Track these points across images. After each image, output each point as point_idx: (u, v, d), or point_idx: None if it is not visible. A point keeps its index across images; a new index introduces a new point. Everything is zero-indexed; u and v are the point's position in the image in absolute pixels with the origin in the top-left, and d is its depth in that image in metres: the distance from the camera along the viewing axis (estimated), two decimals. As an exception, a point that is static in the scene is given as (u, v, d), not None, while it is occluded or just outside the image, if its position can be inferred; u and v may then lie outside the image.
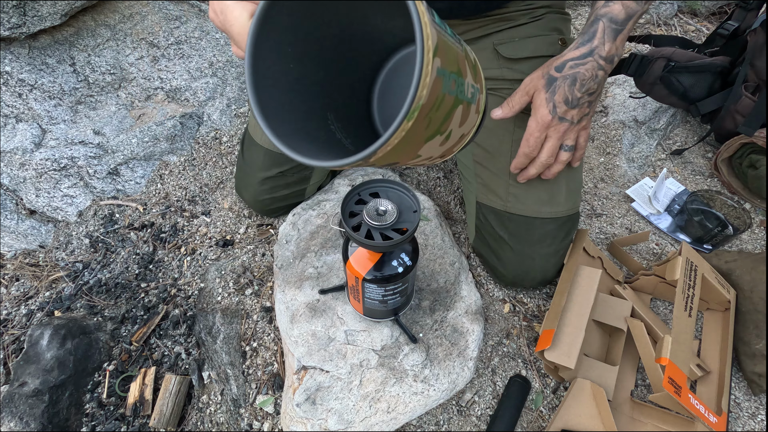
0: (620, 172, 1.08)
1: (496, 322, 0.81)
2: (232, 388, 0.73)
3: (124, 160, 1.00)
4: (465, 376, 0.68)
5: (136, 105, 1.09)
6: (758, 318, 0.74)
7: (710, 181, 1.06)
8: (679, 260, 0.74)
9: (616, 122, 1.17)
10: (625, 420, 0.70)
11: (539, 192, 0.73)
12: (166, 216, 0.96)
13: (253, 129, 0.85)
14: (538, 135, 0.63)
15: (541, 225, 0.73)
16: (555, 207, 0.73)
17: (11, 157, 0.95)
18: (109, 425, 0.69)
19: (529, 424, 0.71)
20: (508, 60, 0.74)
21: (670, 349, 0.62)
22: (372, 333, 0.69)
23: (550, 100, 0.60)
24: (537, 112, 0.61)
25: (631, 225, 0.98)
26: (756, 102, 0.94)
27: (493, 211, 0.76)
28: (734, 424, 0.72)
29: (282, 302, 0.74)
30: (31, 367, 0.70)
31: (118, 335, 0.79)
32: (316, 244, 0.81)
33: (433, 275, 0.78)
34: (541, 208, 0.73)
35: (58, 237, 0.93)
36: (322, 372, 0.66)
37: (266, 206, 0.89)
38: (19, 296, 0.84)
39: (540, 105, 0.60)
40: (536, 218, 0.73)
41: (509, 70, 0.74)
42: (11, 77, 0.99)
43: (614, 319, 0.75)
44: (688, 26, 1.53)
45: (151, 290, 0.85)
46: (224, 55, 1.18)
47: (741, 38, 1.00)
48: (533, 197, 0.73)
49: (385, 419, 0.63)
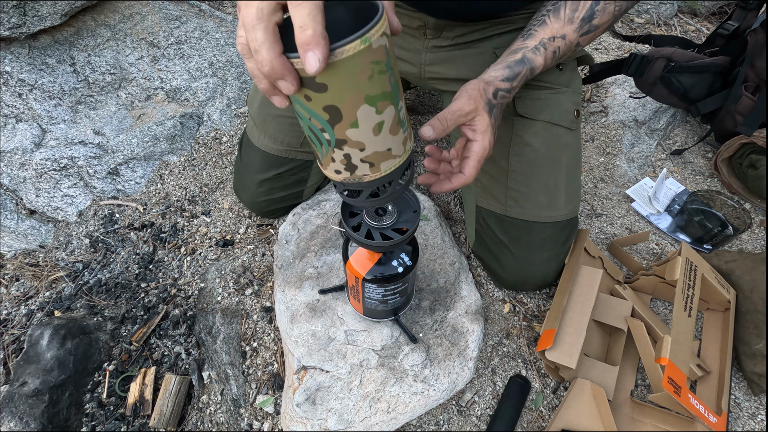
0: (620, 172, 1.08)
1: (496, 322, 0.81)
2: (232, 388, 0.73)
3: (124, 160, 1.00)
4: (465, 376, 0.68)
5: (136, 105, 1.09)
6: (758, 318, 0.74)
7: (710, 181, 1.06)
8: (679, 260, 0.74)
9: (616, 122, 1.17)
10: (625, 420, 0.70)
11: (539, 196, 0.72)
12: (166, 216, 0.96)
13: (251, 131, 0.85)
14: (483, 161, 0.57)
15: (542, 229, 0.73)
16: (555, 211, 0.73)
17: (11, 157, 0.95)
18: (109, 425, 0.69)
19: (529, 424, 0.71)
20: None
21: (669, 349, 0.62)
22: (372, 333, 0.69)
23: (494, 125, 0.57)
24: (485, 137, 0.56)
25: (631, 225, 0.98)
26: (756, 102, 0.94)
27: (494, 215, 0.76)
28: (734, 424, 0.72)
29: (282, 302, 0.74)
30: (31, 367, 0.70)
31: (118, 335, 0.79)
32: (316, 244, 0.81)
33: (433, 275, 0.78)
34: (541, 212, 0.73)
35: (58, 237, 0.93)
36: (322, 372, 0.66)
37: (264, 208, 0.89)
38: (19, 296, 0.84)
39: (486, 129, 0.56)
40: (536, 222, 0.73)
41: None
42: (11, 77, 0.99)
43: (614, 319, 0.75)
44: (688, 26, 1.53)
45: (151, 290, 0.85)
46: (224, 55, 1.18)
47: (741, 38, 1.00)
48: (533, 201, 0.72)
49: (385, 419, 0.63)
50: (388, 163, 0.40)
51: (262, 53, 0.31)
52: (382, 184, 0.43)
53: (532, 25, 0.62)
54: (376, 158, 0.39)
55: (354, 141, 0.37)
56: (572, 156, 0.75)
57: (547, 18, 0.60)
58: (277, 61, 0.31)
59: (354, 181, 0.41)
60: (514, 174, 0.73)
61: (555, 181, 0.73)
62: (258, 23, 0.30)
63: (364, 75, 0.33)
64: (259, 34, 0.30)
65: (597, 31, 0.60)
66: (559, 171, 0.73)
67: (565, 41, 0.60)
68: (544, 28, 0.60)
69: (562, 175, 0.73)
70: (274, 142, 0.81)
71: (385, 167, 0.40)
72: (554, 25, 0.60)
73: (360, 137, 0.37)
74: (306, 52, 0.29)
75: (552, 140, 0.73)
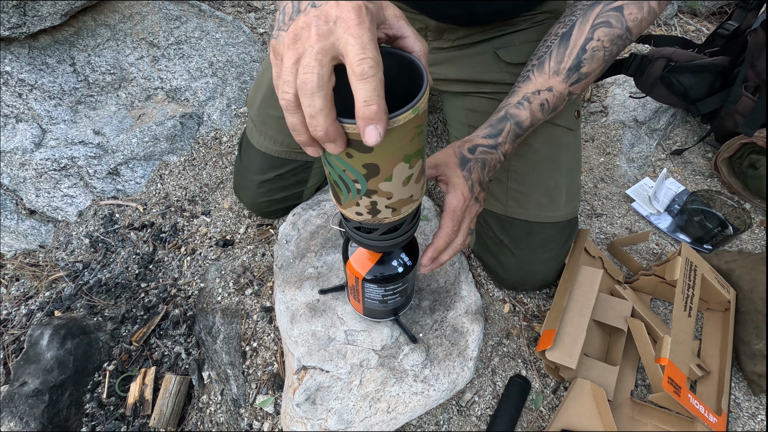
0: (620, 172, 1.08)
1: (496, 322, 0.81)
2: (232, 388, 0.73)
3: (124, 160, 1.00)
4: (465, 376, 0.68)
5: (136, 105, 1.09)
6: (758, 318, 0.74)
7: (710, 181, 1.06)
8: (679, 260, 0.74)
9: (616, 122, 1.17)
10: (625, 420, 0.70)
11: (540, 196, 0.73)
12: (166, 216, 0.96)
13: (251, 132, 0.85)
14: (460, 214, 0.56)
15: (542, 230, 0.73)
16: (555, 211, 0.73)
17: (11, 157, 0.95)
18: (109, 425, 0.69)
19: (529, 424, 0.71)
20: (508, 64, 0.74)
21: (669, 349, 0.62)
22: (372, 333, 0.69)
23: (468, 178, 0.56)
24: (457, 189, 0.55)
25: (631, 225, 0.98)
26: (756, 102, 0.94)
27: (494, 215, 0.76)
28: (734, 424, 0.72)
29: (282, 302, 0.74)
30: (31, 367, 0.70)
31: (118, 335, 0.79)
32: (316, 244, 0.81)
33: (433, 275, 0.78)
34: (541, 212, 0.73)
35: (58, 237, 0.93)
36: (322, 372, 0.66)
37: (264, 208, 0.89)
38: (19, 296, 0.84)
39: (459, 183, 0.56)
40: (537, 223, 0.73)
41: (509, 74, 0.74)
42: (11, 77, 0.99)
43: (614, 319, 0.75)
44: (688, 26, 1.53)
45: (151, 290, 0.85)
46: (224, 55, 1.18)
47: (741, 38, 1.00)
48: (534, 202, 0.73)
49: (385, 419, 0.63)
50: (408, 207, 0.43)
51: (319, 119, 0.31)
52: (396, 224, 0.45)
53: (517, 83, 0.62)
54: (399, 204, 0.41)
55: (384, 191, 0.39)
56: (572, 156, 0.75)
57: (531, 74, 0.60)
58: (332, 128, 0.31)
59: (373, 224, 0.43)
60: (514, 174, 0.73)
61: (555, 182, 0.73)
62: (318, 91, 0.30)
63: (407, 138, 0.35)
64: (318, 101, 0.30)
65: (589, 78, 0.58)
66: (560, 171, 0.73)
67: (553, 93, 0.59)
68: (527, 83, 0.60)
69: (562, 175, 0.73)
70: (274, 144, 0.81)
71: (405, 210, 0.43)
72: (538, 79, 0.59)
73: (390, 188, 0.38)
74: (368, 125, 0.30)
75: (552, 141, 0.73)
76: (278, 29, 0.36)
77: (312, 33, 0.30)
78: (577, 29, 0.56)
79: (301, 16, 0.31)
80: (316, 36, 0.30)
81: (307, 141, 0.34)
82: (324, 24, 0.30)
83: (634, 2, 0.54)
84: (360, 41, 0.29)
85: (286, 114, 0.33)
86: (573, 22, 0.57)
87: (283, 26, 0.36)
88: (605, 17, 0.55)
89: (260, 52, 1.24)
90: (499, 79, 0.75)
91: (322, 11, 0.30)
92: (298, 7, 0.33)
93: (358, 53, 0.29)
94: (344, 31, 0.30)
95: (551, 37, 0.60)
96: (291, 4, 0.36)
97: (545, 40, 0.61)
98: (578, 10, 0.58)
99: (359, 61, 0.29)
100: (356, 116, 0.30)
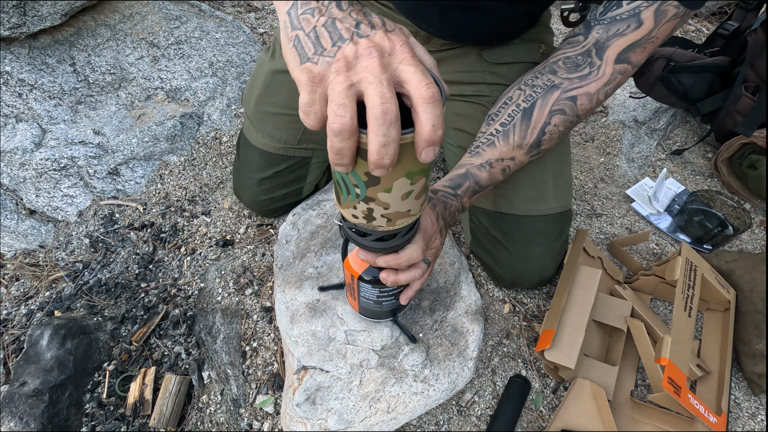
0: (620, 172, 1.08)
1: (496, 322, 0.81)
2: (232, 388, 0.73)
3: (124, 160, 1.00)
4: (465, 376, 0.68)
5: (136, 105, 1.09)
6: (758, 318, 0.74)
7: (710, 181, 1.06)
8: (679, 260, 0.74)
9: (616, 122, 1.17)
10: (625, 420, 0.70)
11: (527, 191, 0.74)
12: (166, 216, 0.96)
13: (248, 131, 0.85)
14: (430, 235, 0.55)
15: (533, 223, 0.74)
16: (544, 204, 0.74)
17: (11, 157, 0.95)
18: (109, 425, 0.69)
19: (529, 424, 0.71)
20: (491, 64, 0.75)
21: (669, 349, 0.62)
22: (372, 333, 0.69)
23: (433, 209, 0.57)
24: (425, 215, 0.55)
25: (631, 225, 0.98)
26: (756, 102, 0.94)
27: (485, 212, 0.77)
28: (734, 424, 0.72)
29: (282, 302, 0.74)
30: (31, 367, 0.70)
31: (118, 335, 0.79)
32: (316, 244, 0.81)
33: (432, 275, 0.78)
34: (530, 206, 0.74)
35: (58, 237, 0.93)
36: (322, 372, 0.66)
37: (265, 207, 0.89)
38: (19, 296, 0.84)
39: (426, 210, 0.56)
40: (526, 216, 0.74)
41: (491, 74, 0.75)
42: (11, 77, 0.99)
43: (614, 319, 0.75)
44: (688, 26, 1.53)
45: (151, 290, 0.85)
46: (224, 55, 1.18)
47: (741, 38, 1.00)
48: (522, 196, 0.74)
49: (385, 419, 0.63)
50: (404, 220, 0.43)
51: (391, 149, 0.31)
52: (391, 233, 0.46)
53: (481, 143, 0.64)
54: (395, 216, 0.41)
55: (382, 201, 0.39)
56: (558, 150, 0.76)
57: (496, 140, 0.63)
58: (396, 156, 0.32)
59: (368, 228, 0.44)
60: None
61: (541, 175, 0.74)
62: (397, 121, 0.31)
63: (412, 156, 0.34)
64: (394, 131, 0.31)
65: (543, 150, 0.65)
66: (544, 165, 0.74)
67: (515, 161, 0.64)
68: (492, 149, 0.63)
69: (548, 169, 0.74)
70: (272, 140, 0.82)
71: (400, 223, 0.43)
72: (503, 148, 0.63)
73: (388, 199, 0.39)
74: (430, 147, 0.32)
75: None
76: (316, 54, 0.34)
77: (374, 64, 0.31)
78: (538, 110, 0.62)
79: (349, 45, 0.32)
80: (380, 67, 0.31)
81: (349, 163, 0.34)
82: (382, 56, 0.32)
83: (586, 95, 0.60)
84: (420, 69, 0.32)
85: (338, 138, 0.32)
86: (534, 100, 0.62)
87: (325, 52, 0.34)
88: (561, 105, 0.61)
89: (260, 52, 1.24)
90: (480, 79, 0.76)
91: (374, 42, 0.32)
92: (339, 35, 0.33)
93: (422, 80, 0.31)
94: (400, 62, 0.32)
95: (512, 106, 0.64)
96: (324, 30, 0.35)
97: (507, 104, 0.65)
98: (538, 87, 0.63)
99: (426, 86, 0.31)
100: (420, 138, 0.32)
